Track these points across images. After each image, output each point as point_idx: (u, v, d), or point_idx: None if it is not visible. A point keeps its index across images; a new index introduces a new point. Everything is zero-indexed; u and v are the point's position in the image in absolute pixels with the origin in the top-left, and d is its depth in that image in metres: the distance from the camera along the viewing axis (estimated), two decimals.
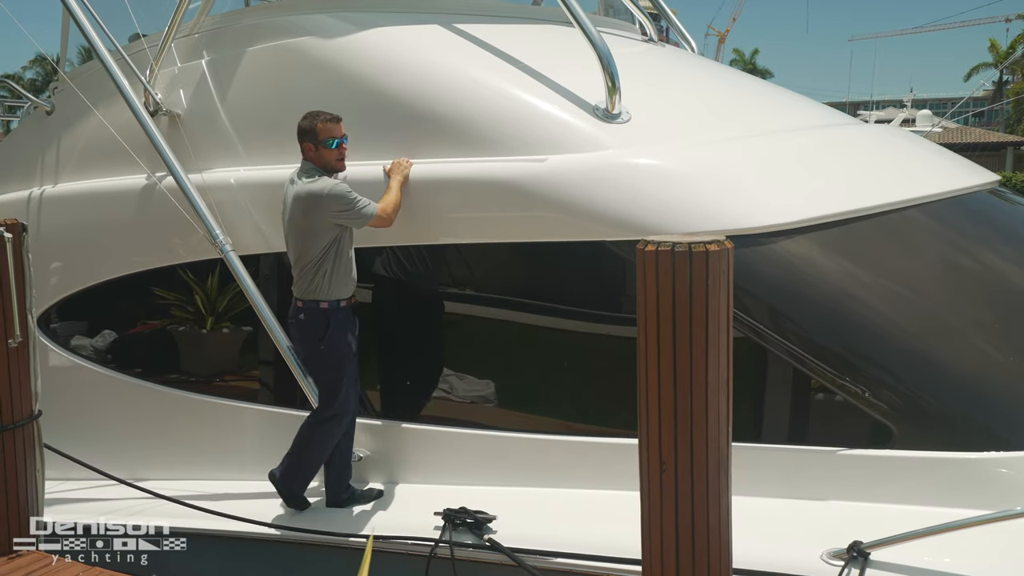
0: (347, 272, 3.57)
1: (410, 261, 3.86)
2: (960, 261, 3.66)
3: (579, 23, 3.64)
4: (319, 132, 3.51)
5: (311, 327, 3.55)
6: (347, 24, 4.10)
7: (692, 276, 2.20)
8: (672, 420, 2.25)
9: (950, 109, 39.09)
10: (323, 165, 3.54)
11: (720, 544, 2.31)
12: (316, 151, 3.53)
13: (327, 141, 3.51)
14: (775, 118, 4.34)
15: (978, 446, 2.88)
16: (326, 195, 3.42)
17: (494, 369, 3.78)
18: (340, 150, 3.56)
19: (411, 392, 3.93)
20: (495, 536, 3.20)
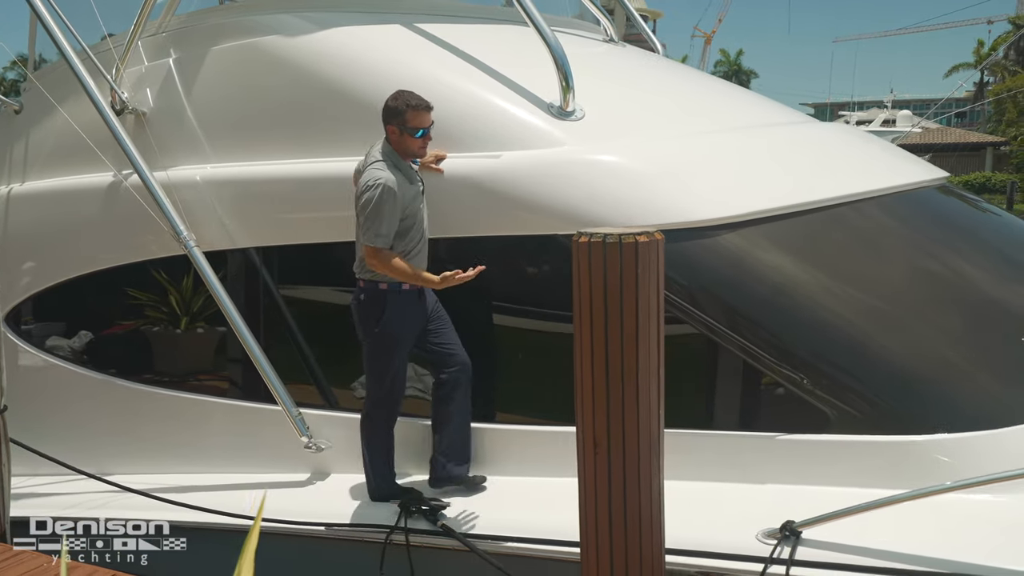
0: (413, 255, 3.42)
1: None
2: (899, 253, 3.78)
3: (534, 24, 3.73)
4: (408, 119, 3.38)
5: (368, 308, 3.43)
6: (310, 24, 4.17)
7: (623, 266, 2.30)
8: (605, 404, 2.35)
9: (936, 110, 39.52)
10: (403, 150, 3.42)
11: (652, 522, 2.41)
12: (399, 136, 3.40)
13: (413, 131, 3.39)
14: (727, 116, 4.46)
15: (910, 430, 3.00)
16: (364, 186, 3.29)
17: None
18: (424, 139, 3.43)
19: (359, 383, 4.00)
20: (449, 522, 3.29)
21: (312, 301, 4.29)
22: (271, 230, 4.06)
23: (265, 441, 4.07)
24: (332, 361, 4.11)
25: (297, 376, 4.04)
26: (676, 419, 3.22)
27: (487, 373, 3.70)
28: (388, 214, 3.25)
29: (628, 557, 2.39)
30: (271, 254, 4.11)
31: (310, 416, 3.91)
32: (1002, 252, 4.21)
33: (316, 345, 4.10)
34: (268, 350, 3.94)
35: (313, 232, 3.97)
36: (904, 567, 2.55)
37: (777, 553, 2.67)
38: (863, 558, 2.60)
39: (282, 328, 4.14)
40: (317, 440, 3.88)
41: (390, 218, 3.26)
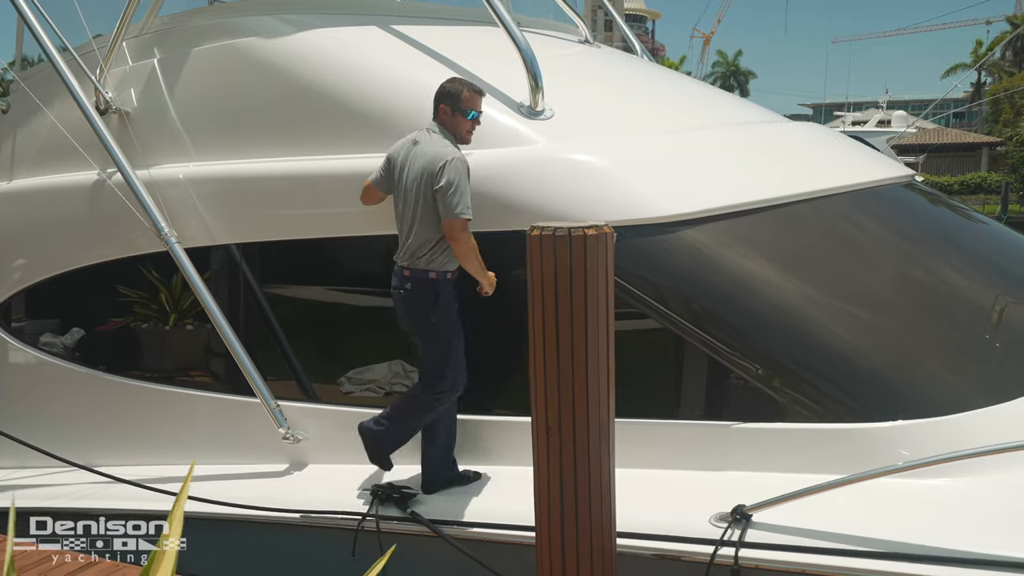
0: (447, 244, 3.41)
1: (344, 251, 4.05)
2: (858, 247, 3.87)
3: (504, 25, 3.84)
4: (463, 100, 3.45)
5: (418, 298, 3.41)
6: (289, 26, 4.28)
7: (572, 258, 2.40)
8: (556, 390, 2.45)
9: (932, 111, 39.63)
10: (453, 131, 3.49)
11: (602, 505, 2.51)
12: (452, 116, 3.46)
13: (467, 111, 3.46)
14: (696, 115, 4.57)
15: (861, 418, 3.10)
16: (443, 163, 3.28)
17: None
18: (474, 123, 3.51)
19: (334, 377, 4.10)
20: (418, 509, 3.40)
21: (293, 296, 4.39)
22: (252, 226, 4.16)
23: (246, 433, 4.18)
24: (311, 355, 4.22)
25: (276, 369, 4.15)
26: (638, 409, 3.38)
27: None
28: (466, 187, 3.30)
29: (579, 539, 2.49)
30: (252, 250, 4.21)
31: (290, 409, 4.01)
32: (961, 247, 4.32)
33: (295, 339, 4.20)
34: (249, 344, 4.05)
35: (294, 228, 4.07)
36: (847, 547, 2.65)
37: (728, 536, 2.77)
38: (809, 539, 2.71)
39: (263, 322, 4.25)
40: (295, 431, 3.99)
41: (467, 191, 3.29)
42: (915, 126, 35.35)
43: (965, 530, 2.68)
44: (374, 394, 4.03)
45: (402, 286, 3.46)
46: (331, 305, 4.25)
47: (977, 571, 2.49)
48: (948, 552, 2.54)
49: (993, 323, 3.71)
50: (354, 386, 4.09)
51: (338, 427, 4.00)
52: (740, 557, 2.72)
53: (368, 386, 4.11)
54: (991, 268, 4.24)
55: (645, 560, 2.90)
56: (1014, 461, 2.87)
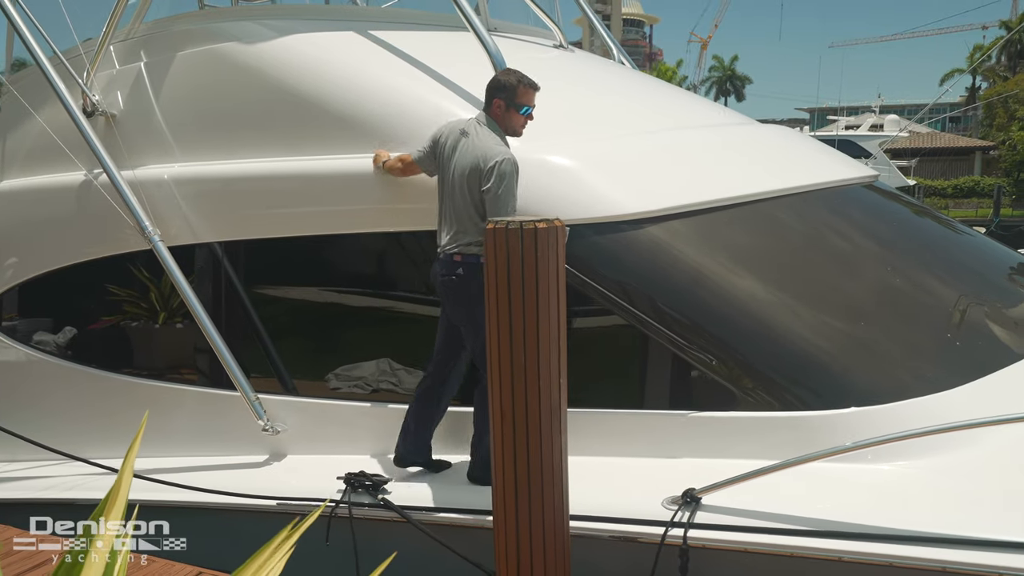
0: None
1: (318, 249, 4.19)
2: (814, 244, 4.02)
3: (474, 29, 3.98)
4: (518, 94, 3.41)
5: (469, 283, 3.27)
6: (271, 31, 4.42)
7: (524, 250, 2.54)
8: (510, 374, 2.59)
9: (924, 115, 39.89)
10: (505, 126, 3.45)
11: (555, 486, 2.64)
12: (505, 111, 3.43)
13: (521, 106, 3.42)
14: (664, 117, 4.72)
15: (811, 406, 3.24)
16: (494, 162, 3.25)
17: (390, 349, 4.10)
18: (527, 119, 3.48)
19: (318, 371, 4.24)
20: (389, 496, 3.53)
21: (274, 292, 4.52)
22: (234, 225, 4.29)
23: (229, 425, 4.30)
24: (291, 349, 4.35)
25: (257, 362, 4.28)
26: (600, 400, 3.52)
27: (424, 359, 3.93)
28: (516, 190, 3.29)
29: (532, 520, 2.62)
30: (235, 247, 4.35)
31: (271, 402, 4.14)
32: (916, 244, 4.47)
33: (275, 334, 4.33)
34: (231, 339, 4.18)
35: (276, 226, 4.21)
36: (790, 527, 2.79)
37: (677, 517, 2.91)
38: (755, 520, 2.84)
39: (245, 318, 4.38)
40: (274, 423, 4.12)
41: (514, 193, 3.29)
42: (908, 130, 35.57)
43: (906, 510, 2.81)
44: (361, 391, 4.15)
45: (452, 272, 3.36)
46: (311, 301, 4.38)
47: (917, 547, 2.63)
48: (888, 530, 2.67)
49: (947, 317, 3.86)
50: (342, 382, 4.22)
51: (316, 419, 4.13)
52: (689, 537, 2.85)
53: (356, 383, 4.24)
54: (944, 265, 4.39)
55: (602, 541, 3.03)
56: (954, 444, 3.02)
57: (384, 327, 4.34)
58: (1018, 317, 4.20)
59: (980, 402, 3.22)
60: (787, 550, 2.74)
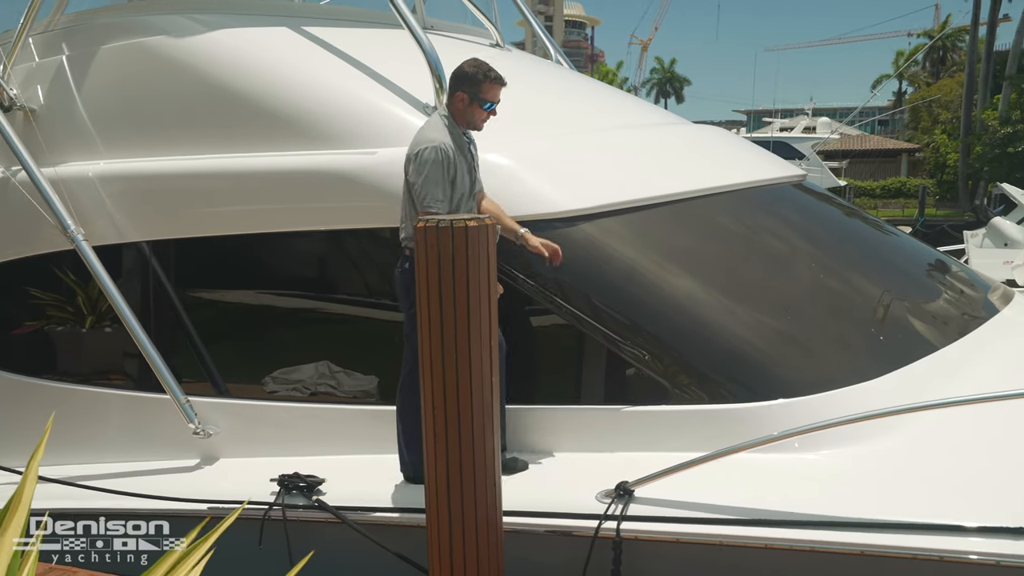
0: None
1: (252, 249, 4.11)
2: (744, 241, 4.13)
3: (408, 27, 3.96)
4: (483, 89, 3.30)
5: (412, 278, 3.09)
6: (199, 25, 4.32)
7: (454, 248, 2.54)
8: (441, 371, 2.58)
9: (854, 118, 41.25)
10: (466, 120, 3.35)
11: (487, 482, 2.65)
12: (467, 104, 3.32)
13: (484, 102, 3.32)
14: (600, 117, 4.77)
15: (741, 399, 3.32)
16: (415, 149, 3.19)
17: (323, 350, 4.05)
18: (489, 114, 3.37)
19: (252, 373, 4.16)
20: (324, 498, 3.48)
21: (205, 292, 4.42)
22: (163, 224, 4.19)
23: (161, 429, 4.19)
24: (226, 351, 4.26)
25: (188, 364, 4.18)
26: (537, 397, 3.54)
27: (364, 360, 3.91)
28: (441, 178, 3.16)
29: (465, 516, 2.62)
30: (163, 247, 4.24)
31: (203, 405, 4.05)
32: (840, 240, 4.63)
33: (205, 334, 4.24)
34: (161, 341, 4.07)
35: (205, 225, 4.11)
36: (720, 516, 2.85)
37: (611, 510, 2.95)
38: (687, 511, 2.90)
39: (174, 318, 4.27)
40: (205, 426, 4.03)
41: (444, 182, 3.17)
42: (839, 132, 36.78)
43: (831, 497, 2.91)
44: (300, 394, 4.09)
45: (402, 265, 3.34)
46: (246, 303, 4.30)
47: (838, 532, 2.71)
48: (811, 517, 2.76)
49: (871, 311, 4.00)
50: (280, 386, 4.15)
51: (250, 422, 4.05)
52: (622, 530, 2.89)
53: (294, 386, 4.18)
54: (869, 262, 4.55)
55: (537, 536, 3.05)
56: (876, 432, 3.13)
57: (322, 329, 4.28)
58: (936, 311, 4.37)
59: (900, 391, 3.34)
60: (716, 539, 2.81)
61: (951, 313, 4.41)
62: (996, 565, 2.50)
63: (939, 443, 3.13)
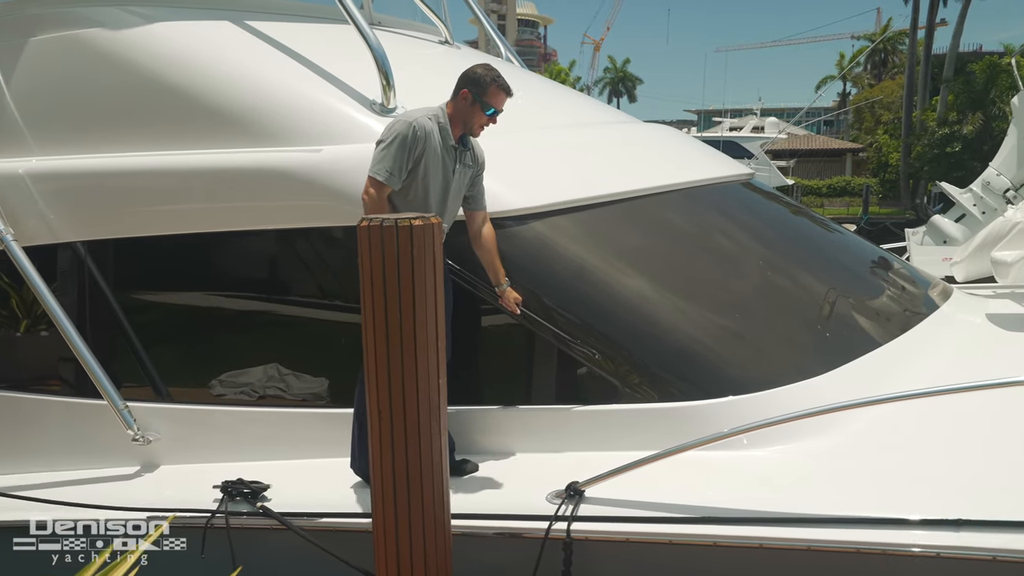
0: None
1: (192, 249, 3.99)
2: (694, 239, 4.16)
3: (354, 23, 3.89)
4: (488, 92, 3.23)
5: None
6: (136, 17, 4.17)
7: (399, 247, 2.48)
8: (386, 373, 2.53)
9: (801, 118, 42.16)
10: (463, 118, 3.27)
11: (434, 485, 2.60)
12: (470, 104, 3.24)
13: (488, 106, 3.26)
14: (550, 114, 4.75)
15: (691, 396, 3.33)
16: (390, 123, 3.13)
17: (271, 349, 3.96)
18: (490, 120, 3.31)
19: (194, 377, 4.05)
20: (270, 504, 3.39)
21: (143, 294, 4.28)
22: (98, 223, 4.04)
23: (98, 436, 4.05)
24: (164, 353, 4.13)
25: (128, 369, 4.05)
26: (486, 397, 3.51)
27: (310, 362, 3.82)
28: (400, 154, 3.09)
29: (412, 522, 2.57)
30: (101, 248, 4.09)
31: (141, 409, 3.92)
32: (787, 239, 4.69)
33: (150, 338, 4.11)
34: (99, 345, 3.93)
35: (142, 224, 3.98)
36: (670, 515, 2.86)
37: (561, 511, 2.92)
38: (638, 510, 2.89)
39: (112, 321, 4.12)
40: (145, 432, 3.90)
41: (402, 160, 3.09)
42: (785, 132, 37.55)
43: (779, 493, 2.92)
44: (248, 397, 3.99)
45: None
46: (188, 304, 4.17)
47: (786, 529, 2.73)
48: (760, 513, 2.78)
49: (816, 307, 4.06)
50: (227, 389, 4.04)
51: (193, 427, 3.94)
52: (572, 531, 2.87)
53: (242, 389, 4.07)
54: (815, 260, 4.62)
55: (487, 539, 3.02)
56: (824, 428, 3.17)
57: (267, 331, 4.17)
58: (880, 308, 4.46)
59: (846, 387, 3.39)
60: (666, 538, 2.81)
61: (894, 309, 4.50)
62: (937, 557, 2.55)
63: (883, 438, 3.18)
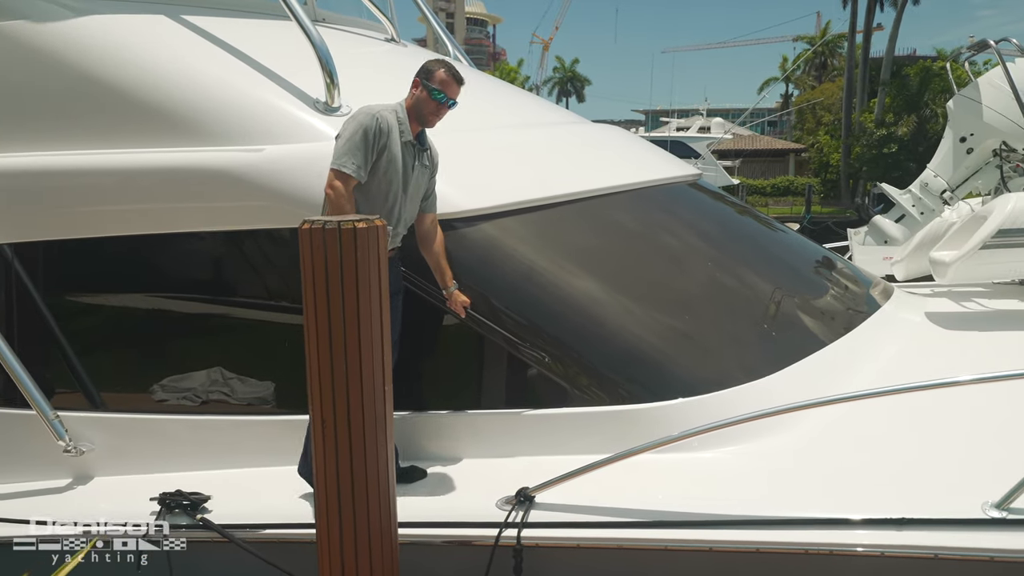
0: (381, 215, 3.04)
1: (129, 251, 3.84)
2: (642, 240, 4.16)
3: (297, 20, 3.78)
4: (435, 77, 3.20)
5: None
6: (64, 9, 3.98)
7: (342, 250, 2.41)
8: (330, 381, 2.45)
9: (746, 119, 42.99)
10: (415, 109, 3.22)
11: (380, 495, 2.53)
12: (419, 91, 3.21)
13: (436, 92, 3.19)
14: (498, 114, 4.71)
15: (640, 399, 3.32)
16: (351, 115, 3.08)
17: (212, 356, 3.83)
18: (440, 108, 3.24)
19: (132, 384, 3.90)
20: (211, 515, 3.28)
21: (75, 298, 4.11)
22: (24, 225, 3.86)
23: (27, 448, 3.87)
24: (99, 360, 3.97)
25: (60, 377, 3.88)
26: (433, 402, 3.44)
27: (252, 367, 3.71)
28: (364, 146, 3.03)
29: (357, 530, 2.50)
30: (27, 250, 3.91)
31: (74, 419, 3.76)
32: (734, 239, 4.74)
33: (80, 344, 3.94)
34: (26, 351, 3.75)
35: (71, 226, 3.81)
36: (622, 520, 2.84)
37: (512, 517, 2.88)
38: (588, 515, 2.87)
39: (42, 327, 3.94)
40: (78, 443, 3.74)
41: (367, 152, 3.04)
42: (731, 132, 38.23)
43: (730, 495, 2.93)
44: (190, 403, 3.85)
45: None
46: (119, 308, 4.01)
47: (736, 531, 2.74)
48: (709, 516, 2.77)
49: (763, 308, 4.10)
50: (169, 394, 3.89)
51: (130, 436, 3.79)
52: (523, 537, 2.83)
53: (184, 394, 3.93)
54: (761, 260, 4.67)
55: (435, 547, 2.96)
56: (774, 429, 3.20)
57: (206, 336, 4.03)
58: (825, 307, 4.53)
59: (795, 387, 3.42)
60: (616, 543, 2.79)
61: (838, 308, 4.58)
62: (881, 556, 2.58)
63: (831, 438, 3.22)
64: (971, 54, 7.45)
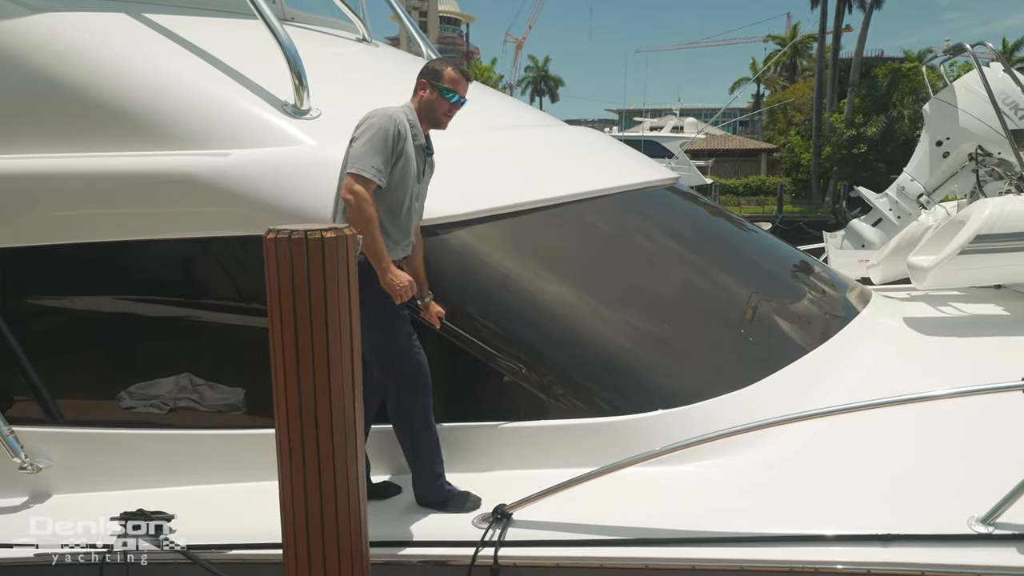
0: (395, 225, 3.01)
1: (90, 259, 3.69)
2: (621, 247, 4.08)
3: (265, 20, 3.66)
4: (444, 76, 3.10)
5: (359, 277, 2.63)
6: (21, 8, 3.82)
7: (309, 261, 2.30)
8: (297, 400, 2.34)
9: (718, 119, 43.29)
10: (427, 110, 3.11)
11: (351, 517, 2.43)
12: (429, 92, 3.09)
13: (447, 91, 3.09)
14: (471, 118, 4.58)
15: (620, 411, 3.24)
16: (366, 117, 2.96)
17: (177, 368, 3.69)
18: (453, 106, 3.13)
19: (91, 397, 3.75)
20: (175, 535, 3.15)
21: (31, 309, 3.94)
22: None
23: None
24: (57, 373, 3.81)
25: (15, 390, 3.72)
26: None
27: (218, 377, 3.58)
28: (385, 149, 2.90)
29: (327, 551, 2.39)
30: None
31: (31, 434, 3.60)
32: (712, 245, 4.69)
33: (36, 355, 3.77)
34: None
35: (27, 233, 3.65)
36: (603, 538, 2.75)
37: (489, 536, 2.79)
38: (568, 533, 2.78)
39: None
40: (34, 459, 3.59)
41: (387, 155, 2.92)
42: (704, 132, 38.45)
43: (710, 511, 2.86)
44: (158, 410, 3.70)
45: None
46: (80, 318, 3.85)
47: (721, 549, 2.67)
48: (694, 534, 2.70)
49: (742, 315, 4.04)
50: (136, 401, 3.74)
51: (91, 451, 3.64)
52: (500, 556, 2.74)
53: (152, 402, 3.78)
54: (737, 264, 4.62)
55: (410, 567, 2.86)
56: (754, 442, 3.13)
57: (172, 344, 3.89)
58: (804, 313, 4.49)
59: (775, 398, 3.36)
60: (597, 562, 2.70)
61: (817, 314, 4.54)
62: (867, 574, 2.52)
63: (814, 451, 3.16)
64: (947, 58, 7.48)
